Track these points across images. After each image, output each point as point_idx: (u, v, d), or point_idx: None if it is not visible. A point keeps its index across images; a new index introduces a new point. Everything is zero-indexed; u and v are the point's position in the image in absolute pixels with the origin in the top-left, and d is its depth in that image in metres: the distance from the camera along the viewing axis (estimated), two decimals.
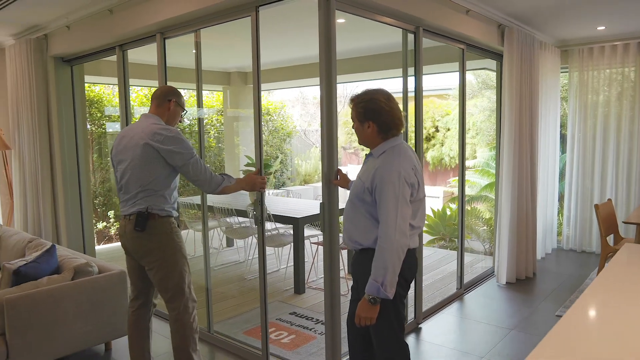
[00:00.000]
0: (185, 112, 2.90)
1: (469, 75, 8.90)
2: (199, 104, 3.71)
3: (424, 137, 10.32)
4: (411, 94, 3.88)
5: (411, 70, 3.85)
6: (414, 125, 4.00)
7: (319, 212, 4.72)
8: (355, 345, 2.48)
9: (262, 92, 10.40)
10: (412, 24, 3.68)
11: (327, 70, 2.89)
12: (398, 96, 3.70)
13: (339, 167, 2.99)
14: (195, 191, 6.74)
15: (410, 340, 3.68)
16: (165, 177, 2.69)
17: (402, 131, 2.31)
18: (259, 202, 3.16)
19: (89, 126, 7.47)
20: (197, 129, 8.78)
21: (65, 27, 4.45)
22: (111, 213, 7.69)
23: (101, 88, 7.70)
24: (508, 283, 4.88)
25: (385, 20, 3.41)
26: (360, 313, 2.15)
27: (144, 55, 4.26)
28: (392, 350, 2.28)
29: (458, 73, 4.54)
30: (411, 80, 3.86)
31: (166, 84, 3.81)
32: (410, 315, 3.96)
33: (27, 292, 2.95)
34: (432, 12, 3.68)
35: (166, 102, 2.79)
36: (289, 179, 10.97)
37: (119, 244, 2.81)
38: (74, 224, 5.06)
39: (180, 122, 2.93)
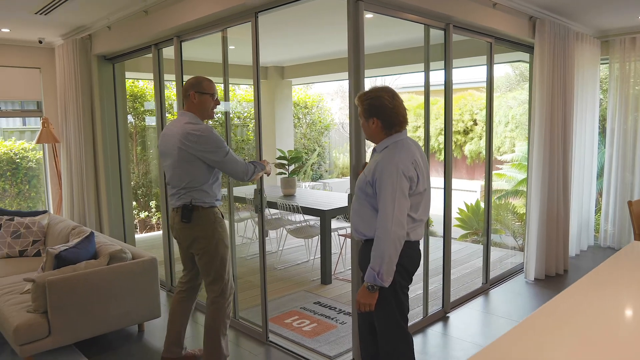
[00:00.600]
0: (213, 95, 2.91)
1: (507, 68, 8.71)
2: (226, 97, 3.86)
3: (462, 130, 10.24)
4: (438, 88, 3.94)
5: (440, 65, 3.89)
6: (443, 119, 4.06)
7: (343, 205, 4.85)
8: (363, 329, 2.60)
9: (300, 86, 10.49)
10: (441, 21, 3.74)
11: (356, 68, 3.01)
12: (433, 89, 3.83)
13: (365, 161, 3.10)
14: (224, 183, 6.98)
15: (436, 328, 3.73)
16: (204, 173, 2.85)
17: (405, 128, 2.38)
18: (259, 192, 3.42)
19: (132, 120, 7.84)
20: (234, 122, 9.04)
21: (106, 28, 4.72)
22: (153, 203, 8.05)
23: (145, 83, 8.04)
24: (536, 279, 4.83)
25: (414, 18, 3.49)
26: (360, 299, 2.28)
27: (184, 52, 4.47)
28: (394, 340, 2.37)
29: (485, 66, 4.51)
30: (436, 75, 3.90)
31: (182, 82, 4.03)
32: (438, 305, 4.06)
33: (66, 275, 3.21)
34: (461, 8, 3.73)
35: (188, 96, 2.89)
36: (326, 171, 11.10)
37: (159, 232, 3.05)
38: (115, 213, 5.37)
39: (216, 107, 2.97)
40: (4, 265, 4.20)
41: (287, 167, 5.73)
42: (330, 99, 12.42)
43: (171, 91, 8.08)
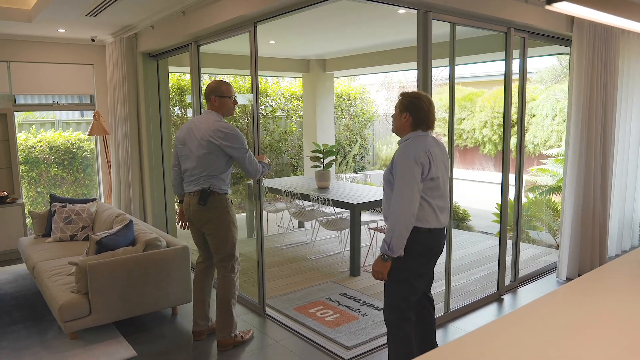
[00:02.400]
0: (231, 97, 3.32)
1: (553, 60, 8.41)
2: (253, 90, 3.98)
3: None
4: (484, 79, 4.03)
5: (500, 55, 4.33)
6: (502, 110, 4.46)
7: (373, 199, 4.94)
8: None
9: (343, 78, 10.49)
10: (504, 25, 4.11)
11: (424, 76, 3.44)
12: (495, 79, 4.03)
13: None
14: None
15: (458, 324, 3.78)
16: (224, 164, 3.31)
17: (430, 131, 2.69)
18: (257, 181, 3.84)
19: (179, 111, 8.19)
20: (277, 114, 9.22)
21: (150, 27, 5.00)
22: None
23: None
24: (569, 279, 4.74)
25: (479, 25, 3.87)
26: (374, 267, 2.61)
27: (221, 46, 4.71)
28: (394, 313, 2.67)
29: (519, 60, 4.44)
30: (479, 66, 3.96)
31: (199, 85, 4.61)
32: (493, 288, 4.45)
33: (105, 260, 3.50)
34: (519, 14, 4.03)
35: (209, 100, 3.32)
36: (369, 163, 11.15)
37: None
38: (158, 203, 5.70)
39: (234, 106, 3.39)
40: (57, 248, 4.58)
41: (321, 160, 5.86)
42: (375, 91, 12.41)
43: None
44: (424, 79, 3.46)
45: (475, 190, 9.93)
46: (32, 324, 3.86)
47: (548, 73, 8.92)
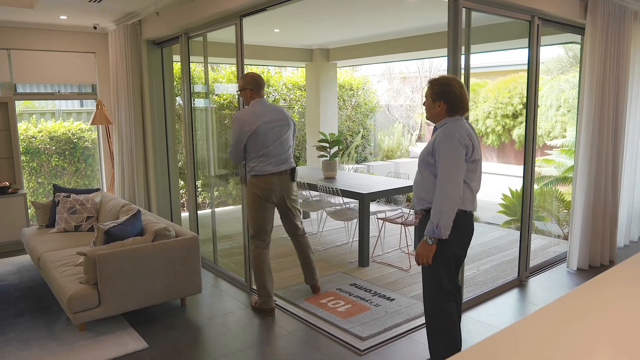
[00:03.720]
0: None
1: (559, 49, 8.34)
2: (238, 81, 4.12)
3: (510, 114, 9.95)
4: (486, 70, 3.98)
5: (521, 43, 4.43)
6: (525, 98, 4.47)
7: (383, 189, 4.89)
8: None
9: (346, 68, 10.42)
10: (528, 13, 4.12)
11: (454, 65, 3.43)
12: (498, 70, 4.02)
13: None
14: None
15: (471, 314, 3.74)
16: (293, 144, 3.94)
17: (465, 115, 2.70)
18: (244, 165, 4.01)
19: (180, 101, 8.08)
20: (279, 104, 9.16)
21: (155, 14, 4.90)
22: (199, 182, 8.32)
23: (193, 66, 8.26)
24: (579, 269, 4.71)
25: (505, 13, 3.90)
26: (419, 251, 2.62)
27: (225, 34, 4.64)
28: (434, 302, 2.70)
29: (527, 49, 4.38)
30: (483, 56, 3.89)
31: (189, 76, 4.93)
32: (514, 274, 4.50)
33: (114, 250, 3.43)
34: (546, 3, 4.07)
35: (263, 90, 3.81)
36: (370, 154, 11.08)
37: (205, 211, 3.59)
38: (162, 192, 5.62)
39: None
40: (61, 239, 4.51)
41: (328, 150, 5.79)
42: (377, 81, 12.33)
43: (218, 73, 8.26)
44: (454, 67, 3.45)
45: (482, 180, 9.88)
46: (39, 315, 3.79)
47: (554, 63, 8.85)
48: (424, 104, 2.78)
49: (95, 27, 5.81)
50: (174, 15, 4.50)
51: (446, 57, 3.48)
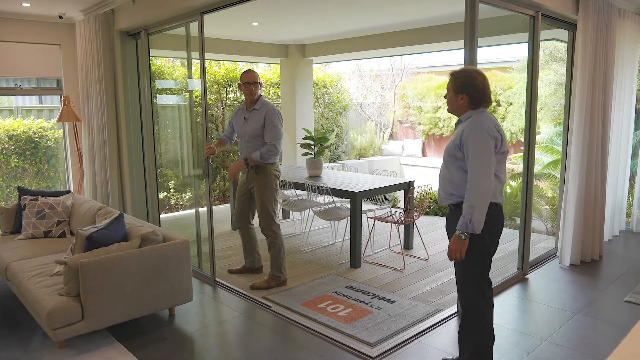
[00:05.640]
0: (242, 84, 4.07)
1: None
2: (201, 77, 4.17)
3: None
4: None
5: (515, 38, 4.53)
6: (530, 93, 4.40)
7: (373, 187, 4.73)
8: None
9: (319, 65, 10.24)
10: (531, 9, 4.09)
11: (470, 60, 3.38)
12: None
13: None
14: None
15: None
16: None
17: (489, 107, 2.64)
18: (205, 159, 4.13)
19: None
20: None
21: (130, 2, 4.56)
22: (171, 183, 7.95)
23: (162, 61, 7.88)
24: (572, 265, 4.69)
25: (512, 7, 3.85)
26: (451, 246, 2.56)
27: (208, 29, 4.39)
28: (470, 296, 2.67)
29: (527, 44, 4.31)
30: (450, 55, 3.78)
31: (150, 74, 4.90)
32: (513, 270, 4.48)
33: (99, 257, 3.11)
34: None
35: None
36: (344, 152, 10.93)
37: (180, 213, 3.39)
38: (138, 193, 5.27)
39: (245, 91, 4.08)
40: (30, 246, 4.12)
41: (312, 147, 5.58)
42: (347, 79, 12.19)
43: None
44: (470, 60, 3.39)
45: None
46: (9, 333, 3.42)
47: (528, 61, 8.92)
48: (445, 97, 2.72)
49: (61, 17, 5.38)
50: (148, 3, 4.23)
51: (448, 51, 3.42)
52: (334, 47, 7.50)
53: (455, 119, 3.10)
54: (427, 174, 10.30)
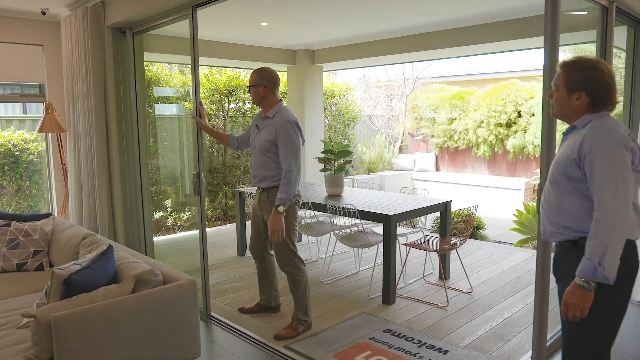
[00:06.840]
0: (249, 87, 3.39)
1: (560, 53, 7.82)
2: (193, 81, 3.67)
3: (504, 122, 9.37)
4: (473, 78, 3.17)
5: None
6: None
7: (409, 209, 4.05)
8: None
9: (325, 74, 9.53)
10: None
11: (551, 67, 2.67)
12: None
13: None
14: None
15: None
16: None
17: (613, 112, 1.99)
18: (197, 175, 3.62)
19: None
20: (246, 112, 8.22)
21: None
22: (168, 202, 7.21)
23: (159, 67, 7.20)
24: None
25: None
26: (569, 299, 1.87)
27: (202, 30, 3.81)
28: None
29: (594, 44, 3.64)
30: (469, 63, 3.16)
31: (135, 77, 4.37)
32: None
33: (80, 309, 2.36)
34: None
35: None
36: (352, 167, 10.23)
37: (177, 235, 2.85)
38: (131, 214, 4.52)
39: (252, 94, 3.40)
40: None
41: (333, 162, 4.87)
42: (355, 89, 11.54)
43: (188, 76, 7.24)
44: (551, 62, 2.70)
45: (472, 194, 9.22)
46: None
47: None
48: (549, 96, 2.08)
49: (44, 13, 4.67)
50: None
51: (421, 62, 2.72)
52: (348, 52, 6.83)
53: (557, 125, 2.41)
54: (441, 190, 9.63)
